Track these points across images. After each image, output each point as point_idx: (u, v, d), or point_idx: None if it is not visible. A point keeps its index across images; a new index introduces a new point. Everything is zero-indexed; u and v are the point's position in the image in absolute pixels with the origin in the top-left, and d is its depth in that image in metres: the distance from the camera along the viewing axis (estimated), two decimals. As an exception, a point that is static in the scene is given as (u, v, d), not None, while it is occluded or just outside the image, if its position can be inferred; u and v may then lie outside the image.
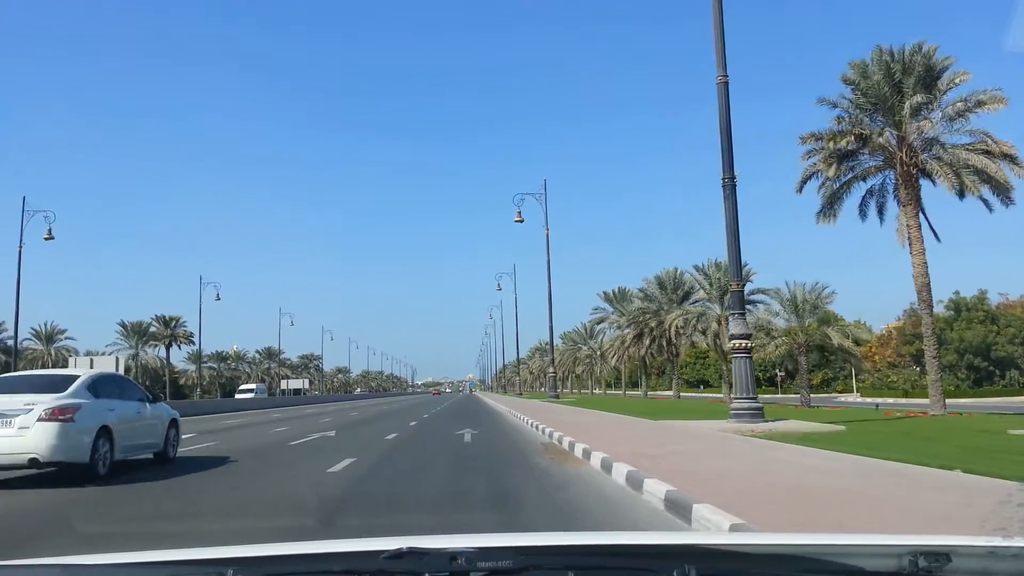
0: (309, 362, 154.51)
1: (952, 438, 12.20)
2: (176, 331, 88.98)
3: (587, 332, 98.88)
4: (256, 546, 1.86)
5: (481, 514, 7.13)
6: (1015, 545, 1.71)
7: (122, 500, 8.29)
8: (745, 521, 5.09)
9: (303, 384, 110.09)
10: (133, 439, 10.63)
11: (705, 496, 6.05)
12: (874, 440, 11.68)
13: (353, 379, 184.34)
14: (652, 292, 57.26)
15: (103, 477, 9.41)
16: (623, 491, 7.82)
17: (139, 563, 1.83)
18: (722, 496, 6.08)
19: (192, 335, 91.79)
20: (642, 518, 6.38)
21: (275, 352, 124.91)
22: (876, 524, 5.06)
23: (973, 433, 13.50)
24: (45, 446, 8.79)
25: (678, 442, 12.56)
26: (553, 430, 15.67)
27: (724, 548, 1.94)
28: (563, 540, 2.15)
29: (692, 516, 5.73)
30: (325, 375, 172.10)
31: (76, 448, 9.08)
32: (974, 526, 4.18)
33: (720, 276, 43.33)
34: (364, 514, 7.15)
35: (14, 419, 8.83)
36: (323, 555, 1.82)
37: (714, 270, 45.19)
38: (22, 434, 8.76)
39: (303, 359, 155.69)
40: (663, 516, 6.34)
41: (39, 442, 8.78)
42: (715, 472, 8.31)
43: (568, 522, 6.33)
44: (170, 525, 6.75)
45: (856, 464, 8.55)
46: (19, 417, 8.83)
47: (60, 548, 5.47)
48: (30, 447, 8.76)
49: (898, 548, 1.66)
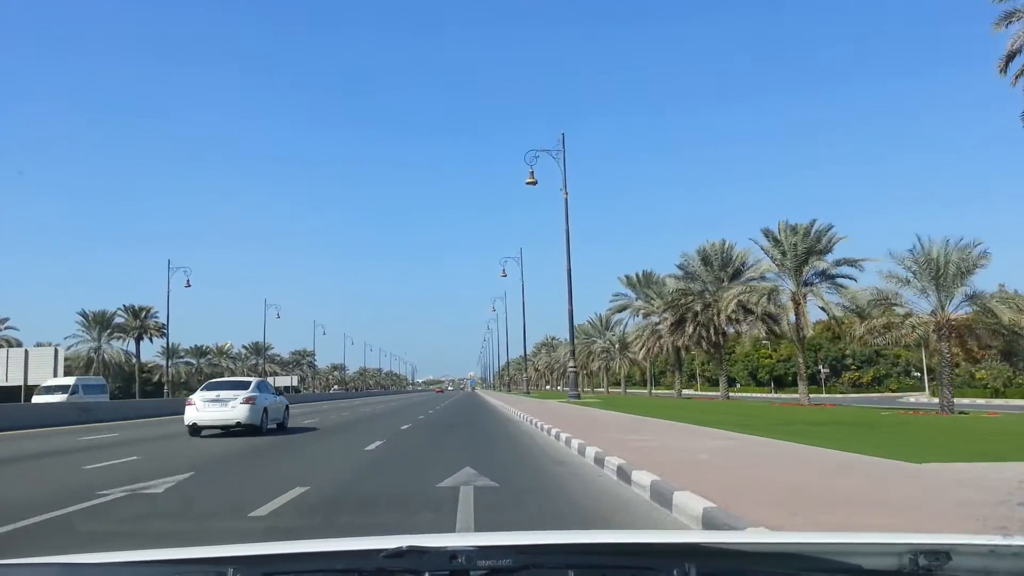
0: (301, 358, 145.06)
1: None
2: (147, 322, 79.37)
3: (603, 323, 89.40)
4: (256, 545, 1.89)
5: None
6: (1015, 544, 1.69)
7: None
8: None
9: (291, 381, 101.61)
10: (275, 415, 19.76)
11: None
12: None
13: (349, 376, 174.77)
14: (694, 269, 47.37)
15: (263, 434, 18.21)
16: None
17: (139, 562, 1.83)
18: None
19: (164, 327, 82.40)
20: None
21: (263, 347, 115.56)
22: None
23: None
24: (243, 416, 17.97)
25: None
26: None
27: (724, 547, 1.91)
28: (563, 539, 2.11)
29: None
30: (319, 372, 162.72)
31: (255, 418, 18.19)
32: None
33: (797, 242, 33.80)
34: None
35: (229, 402, 18.04)
36: (323, 554, 1.81)
37: (788, 235, 35.01)
38: (233, 409, 17.99)
39: (295, 355, 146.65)
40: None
41: (240, 414, 18.00)
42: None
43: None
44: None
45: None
46: (231, 402, 18.06)
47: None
48: (238, 416, 17.97)
49: (898, 547, 1.64)
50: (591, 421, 19.05)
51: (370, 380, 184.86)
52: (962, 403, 34.88)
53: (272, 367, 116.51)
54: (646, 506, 7.01)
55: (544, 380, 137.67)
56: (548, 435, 15.77)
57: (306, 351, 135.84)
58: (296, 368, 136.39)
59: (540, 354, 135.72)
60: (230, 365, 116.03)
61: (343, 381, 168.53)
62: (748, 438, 12.53)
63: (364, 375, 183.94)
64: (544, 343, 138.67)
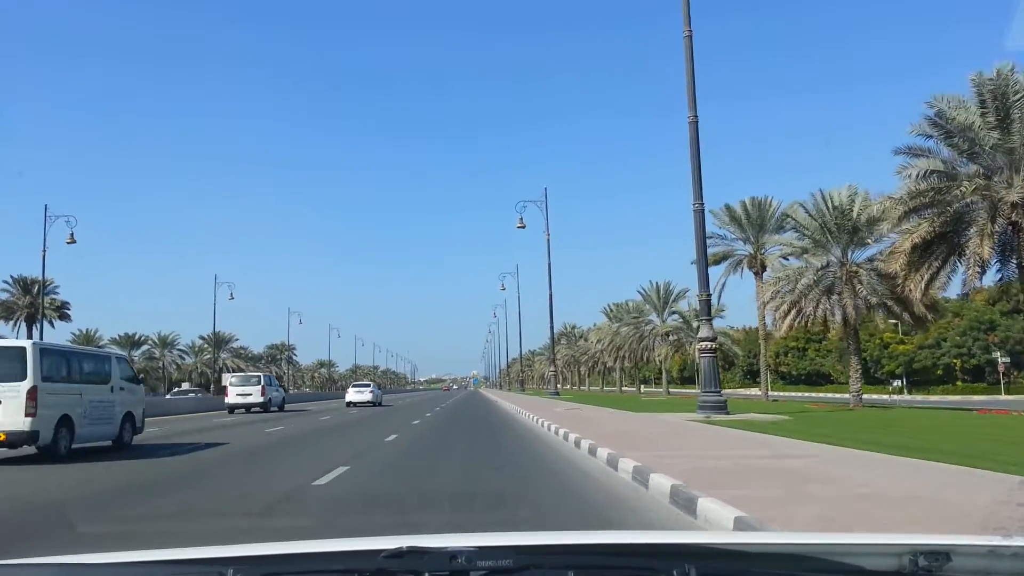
0: (279, 353, 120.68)
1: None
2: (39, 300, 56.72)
3: (661, 295, 66.91)
4: (256, 545, 1.85)
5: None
6: (1015, 544, 1.68)
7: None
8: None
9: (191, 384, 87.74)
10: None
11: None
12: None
13: (340, 375, 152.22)
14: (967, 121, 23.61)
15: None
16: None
17: (138, 562, 1.81)
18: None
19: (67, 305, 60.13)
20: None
21: (224, 338, 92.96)
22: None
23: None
24: (374, 399, 41.89)
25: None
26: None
27: (724, 547, 1.89)
28: (563, 539, 2.09)
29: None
30: (301, 369, 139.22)
31: (376, 399, 42.29)
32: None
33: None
34: None
35: (364, 390, 42.55)
36: (322, 554, 1.80)
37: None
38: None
39: (271, 349, 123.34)
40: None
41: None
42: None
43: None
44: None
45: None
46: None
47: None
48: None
49: (898, 547, 1.64)
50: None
51: (363, 379, 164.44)
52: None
53: (238, 362, 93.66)
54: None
55: (571, 375, 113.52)
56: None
57: (284, 345, 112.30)
58: (272, 364, 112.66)
59: (558, 346, 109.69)
60: (177, 360, 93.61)
61: (331, 380, 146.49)
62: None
63: (356, 373, 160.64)
64: (564, 332, 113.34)
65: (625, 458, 9.26)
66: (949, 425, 16.43)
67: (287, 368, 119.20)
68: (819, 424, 16.49)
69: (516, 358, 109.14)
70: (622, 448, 10.58)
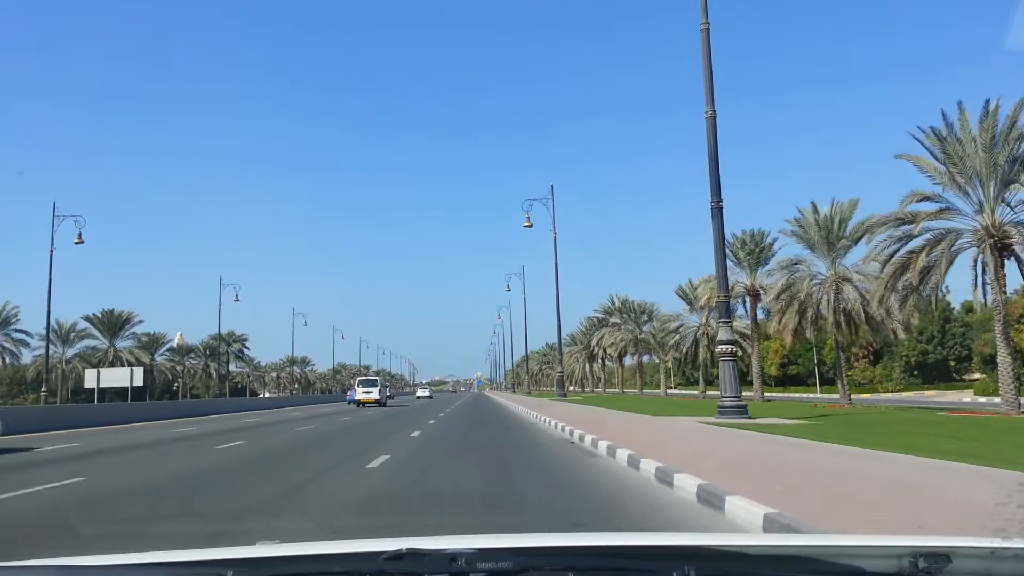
0: (225, 344, 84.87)
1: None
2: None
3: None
4: (256, 546, 1.94)
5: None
6: (1015, 546, 1.67)
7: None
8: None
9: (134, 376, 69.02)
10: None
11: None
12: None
13: (320, 373, 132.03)
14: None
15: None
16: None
17: (138, 564, 1.79)
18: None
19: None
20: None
21: (235, 338, 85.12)
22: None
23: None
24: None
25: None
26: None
27: (724, 549, 1.87)
28: (563, 541, 2.09)
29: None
30: (261, 368, 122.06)
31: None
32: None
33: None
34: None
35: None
36: (323, 556, 1.79)
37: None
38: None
39: (213, 340, 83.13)
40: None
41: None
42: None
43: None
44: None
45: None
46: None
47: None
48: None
49: (898, 549, 1.63)
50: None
51: (347, 381, 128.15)
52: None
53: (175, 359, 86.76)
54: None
55: (587, 381, 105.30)
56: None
57: (231, 335, 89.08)
58: (211, 360, 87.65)
59: (574, 345, 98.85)
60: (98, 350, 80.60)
61: (305, 381, 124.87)
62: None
63: (342, 372, 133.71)
64: (569, 340, 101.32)
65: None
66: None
67: (234, 365, 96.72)
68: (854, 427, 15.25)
69: (522, 359, 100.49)
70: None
